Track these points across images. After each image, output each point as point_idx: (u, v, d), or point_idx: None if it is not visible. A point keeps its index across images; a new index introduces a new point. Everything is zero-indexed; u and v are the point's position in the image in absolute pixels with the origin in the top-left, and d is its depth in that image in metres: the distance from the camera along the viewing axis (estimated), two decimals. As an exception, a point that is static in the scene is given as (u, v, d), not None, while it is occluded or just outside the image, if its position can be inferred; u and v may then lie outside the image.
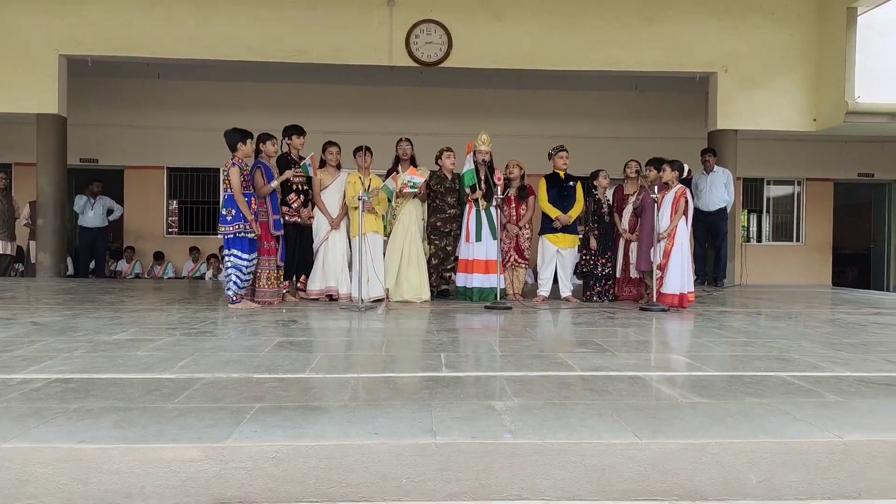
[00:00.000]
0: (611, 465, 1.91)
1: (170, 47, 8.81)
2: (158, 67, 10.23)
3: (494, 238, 5.81)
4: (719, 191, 8.62)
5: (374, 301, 5.62)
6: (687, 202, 5.64)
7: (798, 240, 12.56)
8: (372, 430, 2.02)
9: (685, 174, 6.07)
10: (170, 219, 11.65)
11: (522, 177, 6.35)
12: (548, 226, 6.14)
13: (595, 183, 6.25)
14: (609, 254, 6.16)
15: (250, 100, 11.25)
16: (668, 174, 5.71)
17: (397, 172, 6.06)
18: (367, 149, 5.96)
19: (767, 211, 12.55)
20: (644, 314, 5.15)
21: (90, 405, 2.27)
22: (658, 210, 5.53)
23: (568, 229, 6.08)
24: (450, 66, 9.06)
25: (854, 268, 13.58)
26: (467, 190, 6.01)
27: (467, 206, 6.01)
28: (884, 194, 12.98)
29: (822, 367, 3.09)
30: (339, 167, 6.14)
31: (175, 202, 11.68)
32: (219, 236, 11.14)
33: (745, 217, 12.32)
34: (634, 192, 6.31)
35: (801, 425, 2.13)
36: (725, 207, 8.62)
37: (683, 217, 5.57)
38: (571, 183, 6.21)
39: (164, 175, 11.54)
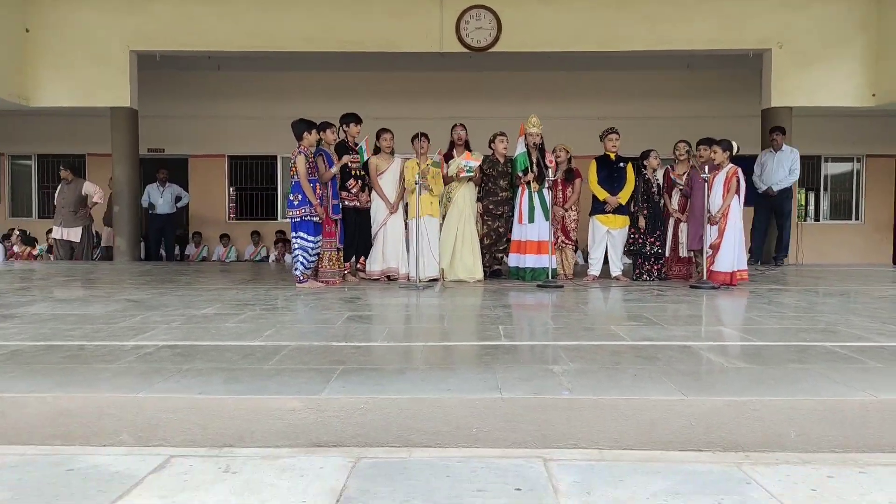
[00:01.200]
0: (659, 419, 2.14)
1: (230, 40, 9.24)
2: (219, 59, 10.71)
3: (546, 219, 6.00)
4: (785, 170, 8.48)
5: (431, 280, 5.91)
6: (738, 181, 5.71)
7: (857, 218, 12.27)
8: (445, 387, 2.29)
9: (735, 152, 6.12)
10: (230, 204, 12.22)
11: (569, 160, 6.50)
12: (598, 207, 6.29)
13: (645, 163, 6.36)
14: (658, 233, 6.27)
15: (305, 89, 11.65)
16: (719, 155, 5.78)
17: (453, 156, 6.30)
18: (424, 135, 6.23)
19: (825, 189, 12.30)
20: (694, 291, 5.28)
21: (199, 366, 2.62)
22: (710, 190, 5.63)
23: (619, 210, 6.21)
24: (499, 51, 9.22)
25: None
26: (519, 173, 6.22)
27: (519, 188, 6.21)
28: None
29: (866, 338, 3.21)
30: (392, 153, 6.42)
31: (233, 189, 12.22)
32: (276, 221, 11.73)
33: (803, 195, 12.09)
34: (684, 173, 6.39)
35: (838, 387, 2.30)
36: (790, 187, 8.51)
37: (736, 196, 5.65)
38: (622, 164, 6.32)
39: (224, 163, 12.09)
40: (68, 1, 9.21)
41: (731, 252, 5.52)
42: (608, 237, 6.27)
